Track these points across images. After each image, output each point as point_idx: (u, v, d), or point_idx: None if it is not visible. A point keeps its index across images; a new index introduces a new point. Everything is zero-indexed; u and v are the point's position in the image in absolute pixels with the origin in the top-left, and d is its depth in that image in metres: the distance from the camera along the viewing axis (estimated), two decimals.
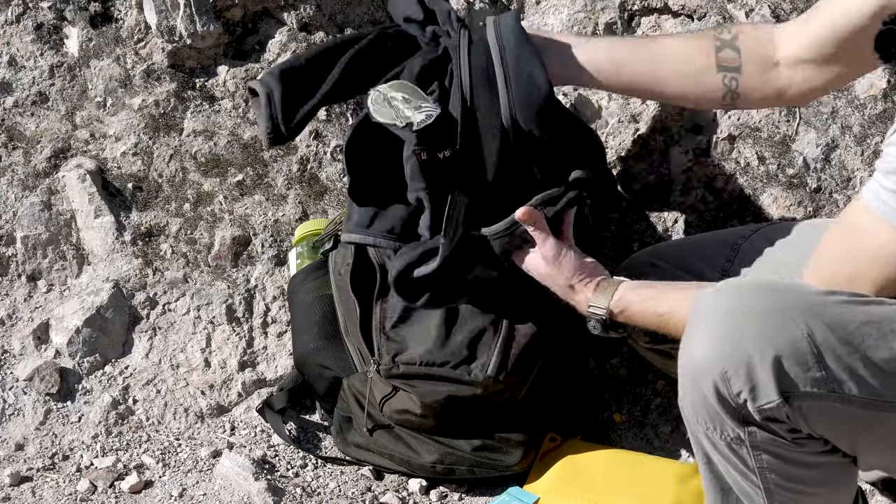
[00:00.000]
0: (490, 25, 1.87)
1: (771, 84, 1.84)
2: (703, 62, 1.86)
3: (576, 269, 1.77)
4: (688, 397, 1.49)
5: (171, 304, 2.27)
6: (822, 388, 1.41)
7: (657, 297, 1.65)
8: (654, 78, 1.89)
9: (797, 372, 1.40)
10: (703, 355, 1.44)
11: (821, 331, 1.40)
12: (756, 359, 1.40)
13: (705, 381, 1.44)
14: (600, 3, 2.45)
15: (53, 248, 2.30)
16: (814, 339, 1.40)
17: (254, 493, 1.98)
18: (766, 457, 1.48)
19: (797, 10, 2.39)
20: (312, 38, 2.42)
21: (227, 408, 2.21)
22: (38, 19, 2.41)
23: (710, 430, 1.49)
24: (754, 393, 1.41)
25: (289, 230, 2.32)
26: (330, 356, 2.09)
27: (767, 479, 1.50)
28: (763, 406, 1.42)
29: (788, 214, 2.27)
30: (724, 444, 1.49)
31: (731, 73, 1.85)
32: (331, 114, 2.39)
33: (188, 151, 2.36)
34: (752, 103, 1.94)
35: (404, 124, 1.80)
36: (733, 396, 1.43)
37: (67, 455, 2.11)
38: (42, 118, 2.38)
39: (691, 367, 1.46)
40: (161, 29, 2.37)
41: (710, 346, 1.43)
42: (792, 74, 1.83)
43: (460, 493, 2.05)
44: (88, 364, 2.21)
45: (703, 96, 1.89)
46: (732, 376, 1.42)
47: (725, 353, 1.42)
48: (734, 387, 1.42)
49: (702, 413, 1.47)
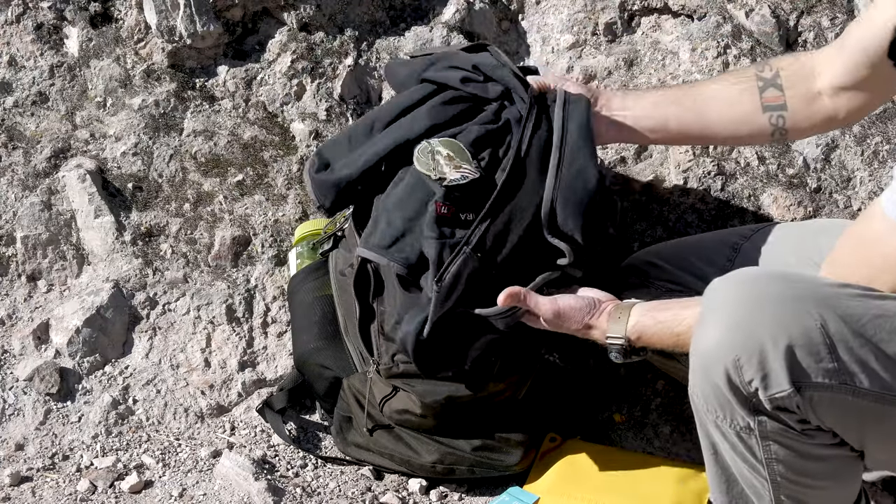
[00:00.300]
0: (559, 108, 1.88)
1: (818, 115, 1.88)
2: (749, 105, 1.89)
3: (581, 311, 1.75)
4: (698, 385, 1.48)
5: (171, 304, 2.27)
6: (833, 379, 1.41)
7: (672, 318, 1.64)
8: (701, 126, 1.93)
9: (809, 362, 1.40)
10: (715, 342, 1.44)
11: (834, 322, 1.40)
12: (769, 347, 1.40)
13: (717, 368, 1.44)
14: (600, 3, 2.45)
15: (53, 248, 2.30)
16: (827, 330, 1.40)
17: (254, 493, 1.98)
18: (774, 447, 1.48)
19: (797, 10, 2.39)
20: (312, 38, 2.42)
21: (227, 408, 2.21)
22: (38, 19, 2.41)
23: (720, 418, 1.49)
24: (766, 381, 1.41)
25: (289, 230, 2.32)
26: (330, 356, 2.09)
27: (774, 470, 1.50)
28: (774, 395, 1.42)
29: (788, 214, 2.27)
30: (733, 433, 1.49)
31: (777, 111, 1.89)
32: (331, 114, 2.39)
33: (188, 151, 2.36)
34: (803, 133, 1.97)
35: (437, 178, 1.83)
36: (745, 384, 1.43)
37: (67, 455, 2.11)
38: (42, 118, 2.38)
39: (703, 354, 1.46)
40: (161, 29, 2.37)
41: (722, 334, 1.43)
42: (835, 101, 1.86)
43: (460, 493, 2.05)
44: (88, 364, 2.21)
45: (751, 136, 1.93)
46: (745, 364, 1.42)
47: (738, 340, 1.42)
48: (746, 375, 1.42)
49: (712, 401, 1.47)
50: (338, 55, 2.42)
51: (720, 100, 1.91)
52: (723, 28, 2.39)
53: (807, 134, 2.01)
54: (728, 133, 1.94)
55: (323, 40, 2.43)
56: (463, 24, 2.45)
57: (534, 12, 2.49)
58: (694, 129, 1.94)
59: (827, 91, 1.86)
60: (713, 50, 2.38)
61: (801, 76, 1.88)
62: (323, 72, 2.41)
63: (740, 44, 2.38)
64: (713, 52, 2.37)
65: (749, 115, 1.90)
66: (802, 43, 2.40)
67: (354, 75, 2.42)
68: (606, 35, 2.45)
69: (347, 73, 2.41)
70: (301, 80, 2.40)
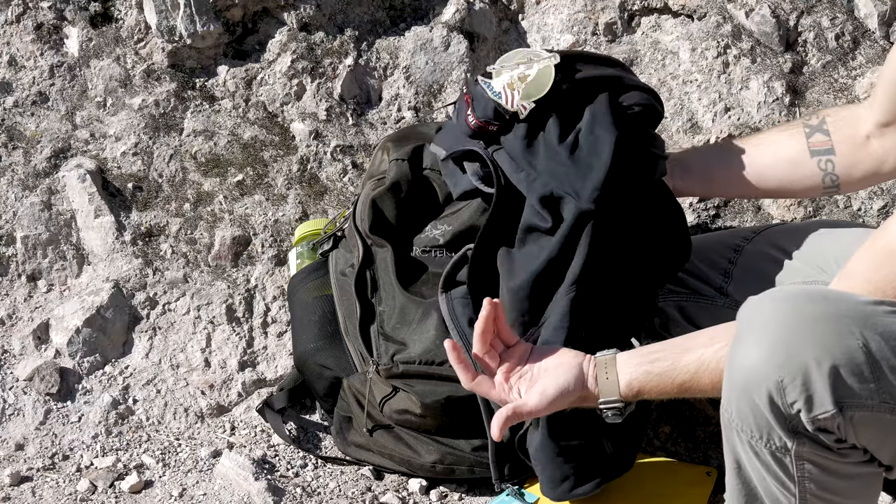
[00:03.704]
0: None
1: (868, 159, 1.88)
2: (796, 150, 1.90)
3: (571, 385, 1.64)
4: (734, 403, 1.45)
5: (171, 304, 2.27)
6: (875, 398, 1.39)
7: (670, 368, 1.59)
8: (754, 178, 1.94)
9: (853, 382, 1.38)
10: (755, 363, 1.41)
11: (875, 341, 1.38)
12: (813, 368, 1.38)
13: (758, 389, 1.41)
14: (600, 3, 2.45)
15: (53, 248, 2.30)
16: (869, 349, 1.38)
17: (254, 493, 1.98)
18: (808, 466, 1.46)
19: (797, 10, 2.39)
20: (312, 38, 2.42)
21: (227, 408, 2.21)
22: (38, 19, 2.41)
23: (755, 438, 1.45)
24: (810, 403, 1.39)
25: (289, 230, 2.32)
26: (330, 356, 2.09)
27: (805, 488, 1.48)
28: (818, 416, 1.39)
29: (788, 214, 2.27)
30: (767, 453, 1.46)
31: (825, 155, 1.89)
32: (331, 114, 2.39)
33: (188, 151, 2.36)
34: (856, 184, 1.96)
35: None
36: (787, 406, 1.40)
37: (67, 455, 2.11)
38: (42, 118, 2.38)
39: (742, 375, 1.43)
40: (161, 29, 2.37)
41: (763, 354, 1.40)
42: (882, 143, 1.86)
43: (460, 493, 2.05)
44: (88, 364, 2.21)
45: (802, 183, 1.93)
46: (788, 385, 1.39)
47: (780, 361, 1.39)
48: (789, 396, 1.39)
49: (749, 420, 1.44)
50: (338, 55, 2.42)
51: (769, 147, 1.93)
52: (723, 28, 2.39)
53: (861, 184, 1.99)
54: (779, 183, 1.95)
55: (323, 40, 2.43)
56: (463, 24, 2.45)
57: (534, 12, 2.49)
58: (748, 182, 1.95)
59: (872, 133, 1.87)
60: (713, 50, 2.38)
61: (847, 120, 1.89)
62: (323, 72, 2.41)
63: (740, 44, 2.38)
64: (713, 52, 2.38)
65: (797, 161, 1.91)
66: (802, 43, 2.40)
67: (354, 75, 2.43)
68: (606, 35, 2.45)
69: (347, 73, 2.42)
70: (301, 79, 2.40)
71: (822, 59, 2.41)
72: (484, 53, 2.46)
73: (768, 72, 2.37)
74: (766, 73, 2.37)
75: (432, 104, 2.43)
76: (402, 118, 2.42)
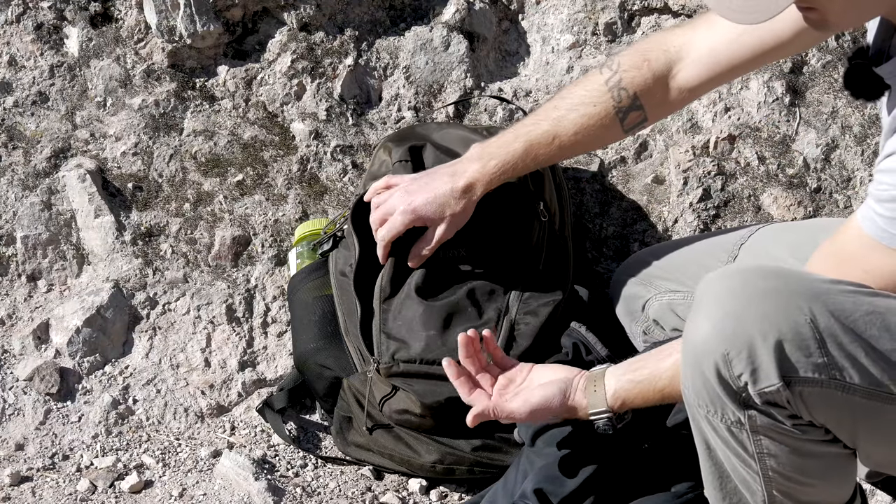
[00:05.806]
0: None
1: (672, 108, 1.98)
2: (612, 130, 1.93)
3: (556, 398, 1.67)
4: (689, 379, 1.48)
5: (171, 303, 2.27)
6: (823, 374, 1.41)
7: (650, 376, 1.61)
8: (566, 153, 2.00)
9: (799, 356, 1.40)
10: (705, 336, 1.44)
11: (824, 317, 1.40)
12: (758, 341, 1.40)
13: (707, 362, 1.44)
14: (600, 3, 2.45)
15: (53, 248, 2.30)
16: (816, 325, 1.40)
17: (254, 493, 1.98)
18: (765, 441, 1.48)
19: None
20: (312, 38, 2.42)
21: (227, 408, 2.21)
22: (38, 19, 2.41)
23: (711, 413, 1.48)
24: (755, 375, 1.41)
25: (289, 230, 2.32)
26: (330, 356, 2.09)
27: (766, 465, 1.50)
28: (764, 389, 1.42)
29: (788, 214, 2.27)
30: (724, 428, 1.49)
31: (639, 126, 1.94)
32: (331, 114, 2.39)
33: (188, 151, 2.36)
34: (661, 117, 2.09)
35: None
36: (734, 378, 1.43)
37: (67, 455, 2.11)
38: (42, 118, 2.38)
39: (693, 348, 1.46)
40: (161, 29, 2.37)
41: (712, 327, 1.43)
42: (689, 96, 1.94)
43: (460, 493, 2.05)
44: (88, 364, 2.21)
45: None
46: (734, 358, 1.41)
47: (727, 334, 1.42)
48: (735, 368, 1.42)
49: (703, 395, 1.47)
50: (338, 55, 2.42)
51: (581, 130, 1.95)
52: None
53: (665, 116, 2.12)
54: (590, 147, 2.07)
55: (323, 40, 2.43)
56: (463, 24, 2.45)
57: (534, 12, 2.49)
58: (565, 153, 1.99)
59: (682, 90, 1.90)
60: None
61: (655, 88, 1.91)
62: (323, 72, 2.41)
63: None
64: None
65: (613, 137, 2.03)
66: None
67: (354, 75, 2.43)
68: (606, 35, 2.45)
69: (347, 73, 2.42)
70: (301, 79, 2.40)
71: (822, 58, 2.41)
72: (484, 53, 2.46)
73: (768, 71, 2.37)
74: (766, 72, 2.37)
75: (432, 104, 2.43)
76: (402, 118, 2.42)
